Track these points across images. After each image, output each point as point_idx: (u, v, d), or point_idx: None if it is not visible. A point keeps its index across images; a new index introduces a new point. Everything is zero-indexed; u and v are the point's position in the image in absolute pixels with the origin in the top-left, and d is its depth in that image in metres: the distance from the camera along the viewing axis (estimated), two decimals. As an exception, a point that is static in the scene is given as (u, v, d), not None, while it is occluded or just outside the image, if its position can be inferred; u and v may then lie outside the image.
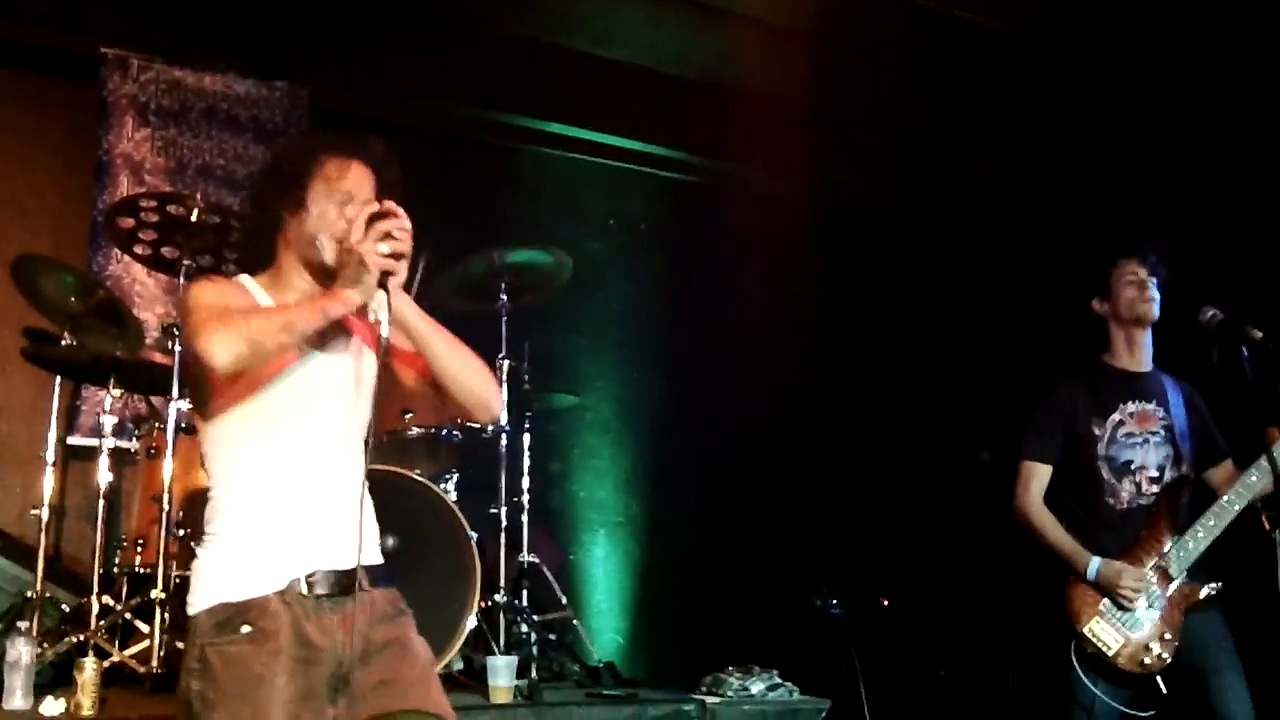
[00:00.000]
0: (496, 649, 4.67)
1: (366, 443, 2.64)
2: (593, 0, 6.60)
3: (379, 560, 2.67)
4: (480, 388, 2.74)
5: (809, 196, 7.20)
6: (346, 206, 2.59)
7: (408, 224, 2.52)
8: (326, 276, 2.58)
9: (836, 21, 6.30)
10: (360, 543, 2.50)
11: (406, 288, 2.58)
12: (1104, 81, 6.43)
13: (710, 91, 7.01)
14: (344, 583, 2.52)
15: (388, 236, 2.48)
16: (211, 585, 2.50)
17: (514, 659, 4.31)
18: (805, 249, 7.05)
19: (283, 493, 2.53)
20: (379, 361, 2.67)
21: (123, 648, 4.42)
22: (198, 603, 2.50)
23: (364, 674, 2.51)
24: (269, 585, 2.47)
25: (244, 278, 2.70)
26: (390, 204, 2.54)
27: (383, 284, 2.50)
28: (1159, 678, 3.81)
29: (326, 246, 2.58)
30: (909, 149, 7.25)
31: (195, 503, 4.71)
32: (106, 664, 4.13)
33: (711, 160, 7.42)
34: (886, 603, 6.34)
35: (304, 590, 2.48)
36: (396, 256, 2.49)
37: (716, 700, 4.34)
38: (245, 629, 2.43)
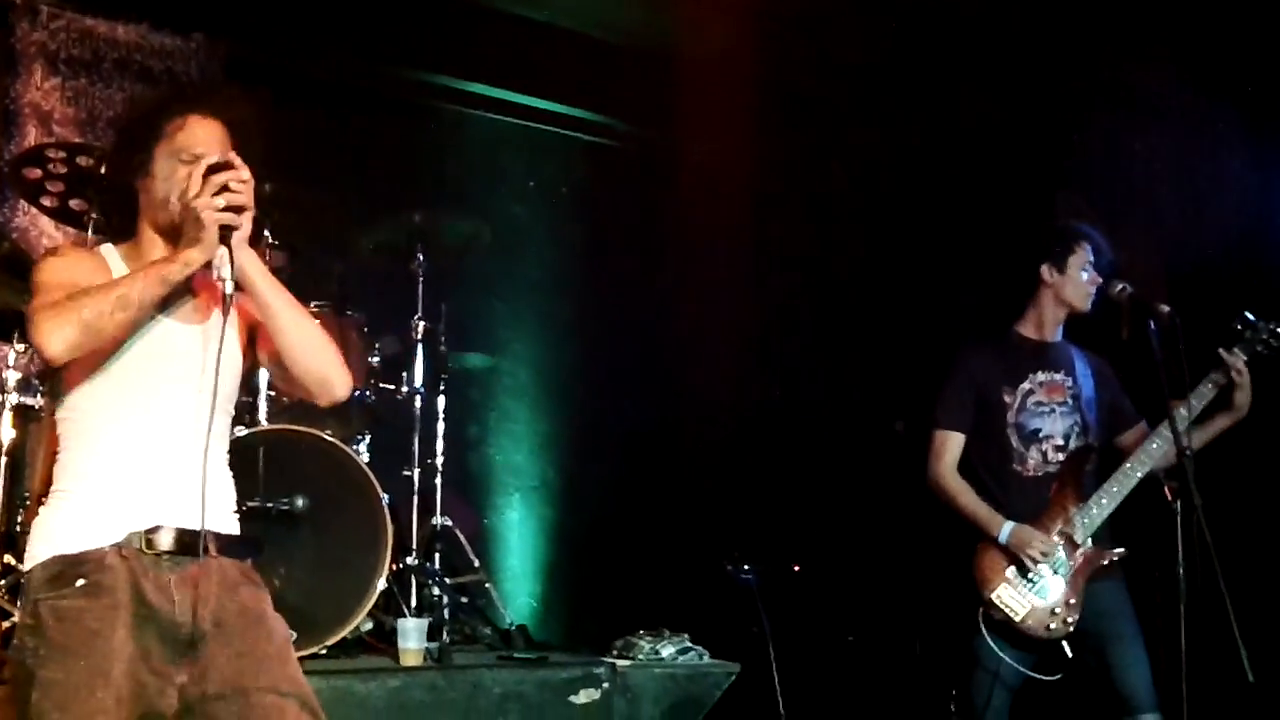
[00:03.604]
0: (407, 611, 4.64)
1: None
2: (519, -39, 6.55)
3: (233, 530, 2.61)
4: (322, 365, 2.64)
5: (732, 164, 7.19)
6: (193, 165, 2.49)
7: (246, 175, 2.45)
8: (180, 239, 2.49)
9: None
10: (206, 504, 2.44)
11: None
12: (1030, 61, 6.47)
13: (635, 56, 6.98)
14: (186, 542, 2.45)
15: (225, 190, 2.40)
16: (48, 538, 2.44)
17: (425, 622, 4.28)
18: (726, 217, 7.05)
19: (126, 452, 2.47)
20: (245, 329, 2.65)
21: (24, 608, 4.33)
22: (34, 556, 2.44)
23: (217, 645, 2.44)
24: (106, 538, 2.41)
25: (106, 248, 2.64)
26: (229, 156, 2.47)
27: (224, 240, 2.43)
28: (1064, 642, 3.89)
29: (176, 208, 2.51)
30: (834, 119, 7.28)
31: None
32: (7, 624, 4.05)
33: (634, 126, 7.39)
34: (798, 568, 6.39)
35: (142, 546, 2.42)
36: (236, 210, 2.42)
37: (627, 663, 4.36)
38: (80, 582, 2.36)
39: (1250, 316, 3.95)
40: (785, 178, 7.34)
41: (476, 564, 5.37)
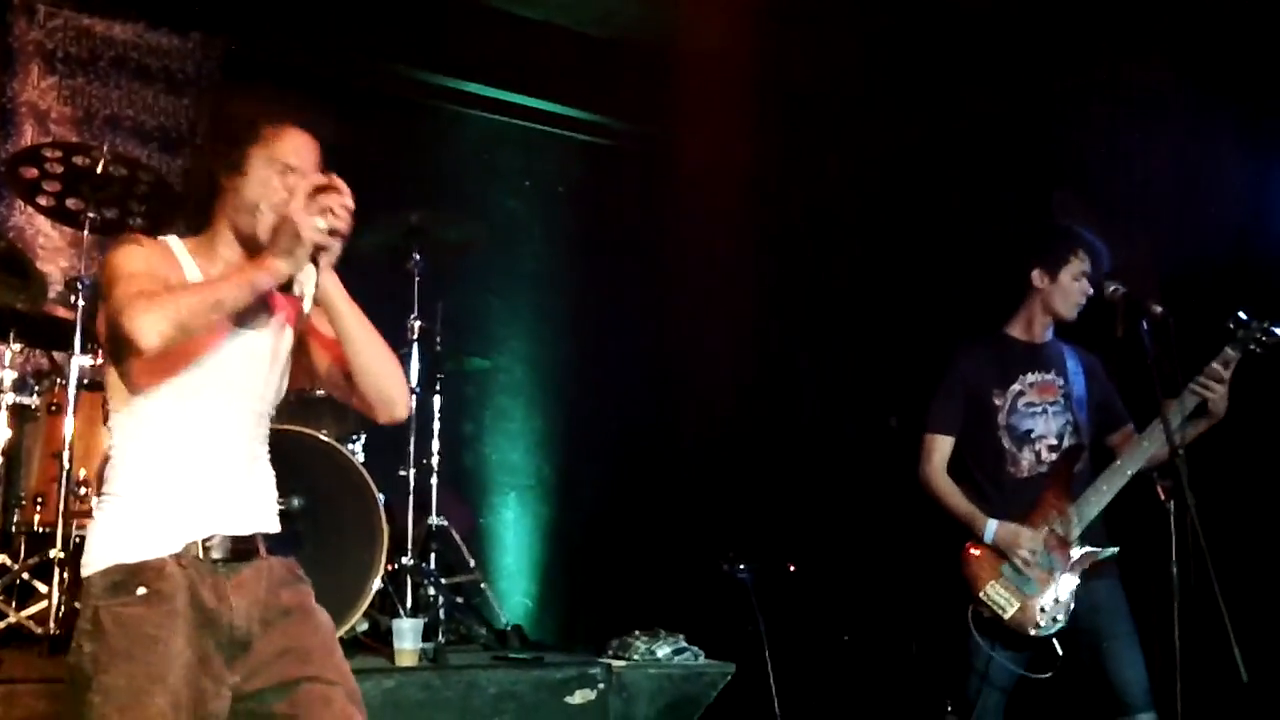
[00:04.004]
0: (403, 611, 4.65)
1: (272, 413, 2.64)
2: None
3: (277, 529, 2.65)
4: (390, 386, 2.68)
5: (729, 162, 7.19)
6: (288, 175, 2.54)
7: (351, 203, 2.47)
8: (257, 248, 2.51)
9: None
10: (254, 506, 2.54)
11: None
12: (1027, 58, 6.46)
13: (631, 55, 6.98)
14: (241, 549, 2.51)
15: (328, 211, 2.43)
16: (107, 546, 2.46)
17: (420, 622, 4.28)
18: (723, 215, 7.05)
19: (185, 458, 2.50)
20: (295, 336, 2.66)
21: (20, 608, 4.32)
22: (92, 563, 2.45)
23: (265, 642, 2.49)
24: (166, 548, 2.44)
25: (171, 240, 2.64)
26: (337, 179, 2.48)
27: (314, 259, 2.45)
28: (1055, 640, 3.89)
29: (265, 215, 2.53)
30: (831, 116, 7.28)
31: (97, 461, 4.64)
32: (3, 625, 4.07)
33: (630, 124, 7.40)
34: (793, 568, 6.39)
35: (200, 554, 2.46)
36: (333, 234, 2.44)
37: (622, 663, 4.35)
38: (141, 591, 2.40)
39: (1243, 316, 3.95)
40: (782, 175, 7.34)
41: (472, 563, 5.38)
